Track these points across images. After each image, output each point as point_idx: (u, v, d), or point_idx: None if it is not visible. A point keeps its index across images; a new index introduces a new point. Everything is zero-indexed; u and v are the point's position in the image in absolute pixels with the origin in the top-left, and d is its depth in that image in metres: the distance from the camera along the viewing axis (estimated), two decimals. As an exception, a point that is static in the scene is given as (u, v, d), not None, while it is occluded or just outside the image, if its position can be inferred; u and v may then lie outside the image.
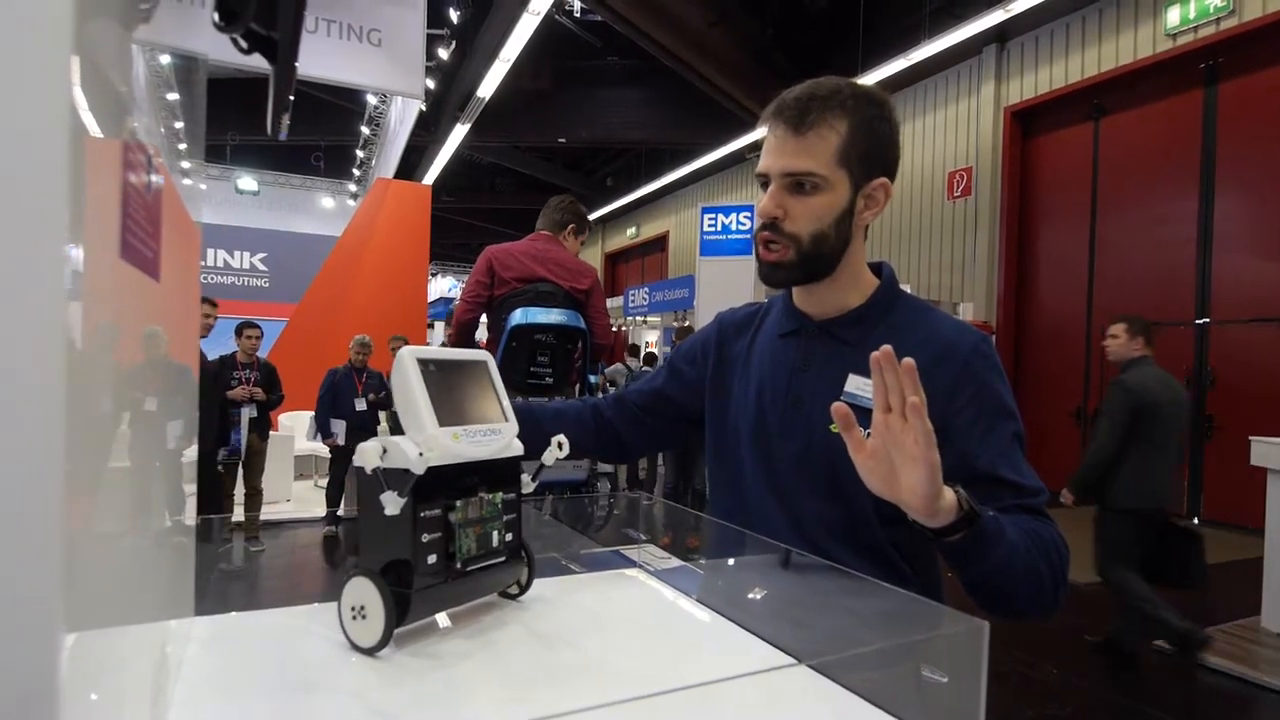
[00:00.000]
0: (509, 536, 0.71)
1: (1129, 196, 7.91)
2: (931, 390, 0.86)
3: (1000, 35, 8.71)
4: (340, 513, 6.47)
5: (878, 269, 1.06)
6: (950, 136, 9.59)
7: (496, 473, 0.70)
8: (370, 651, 0.60)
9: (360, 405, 6.18)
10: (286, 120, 0.62)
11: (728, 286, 8.36)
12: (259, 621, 0.72)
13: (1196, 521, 7.13)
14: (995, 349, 0.97)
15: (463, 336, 2.76)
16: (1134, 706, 3.07)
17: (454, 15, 9.06)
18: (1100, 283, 8.20)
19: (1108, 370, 7.97)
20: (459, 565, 0.64)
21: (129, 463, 0.44)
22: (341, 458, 6.15)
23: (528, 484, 0.75)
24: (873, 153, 0.95)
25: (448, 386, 0.68)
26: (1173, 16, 7.18)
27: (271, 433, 7.10)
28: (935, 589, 0.98)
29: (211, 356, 5.16)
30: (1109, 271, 8.12)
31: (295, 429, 7.30)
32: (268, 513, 6.61)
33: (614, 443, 1.22)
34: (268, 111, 0.61)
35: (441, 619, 0.70)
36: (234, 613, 0.73)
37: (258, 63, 0.64)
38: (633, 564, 1.05)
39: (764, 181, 0.98)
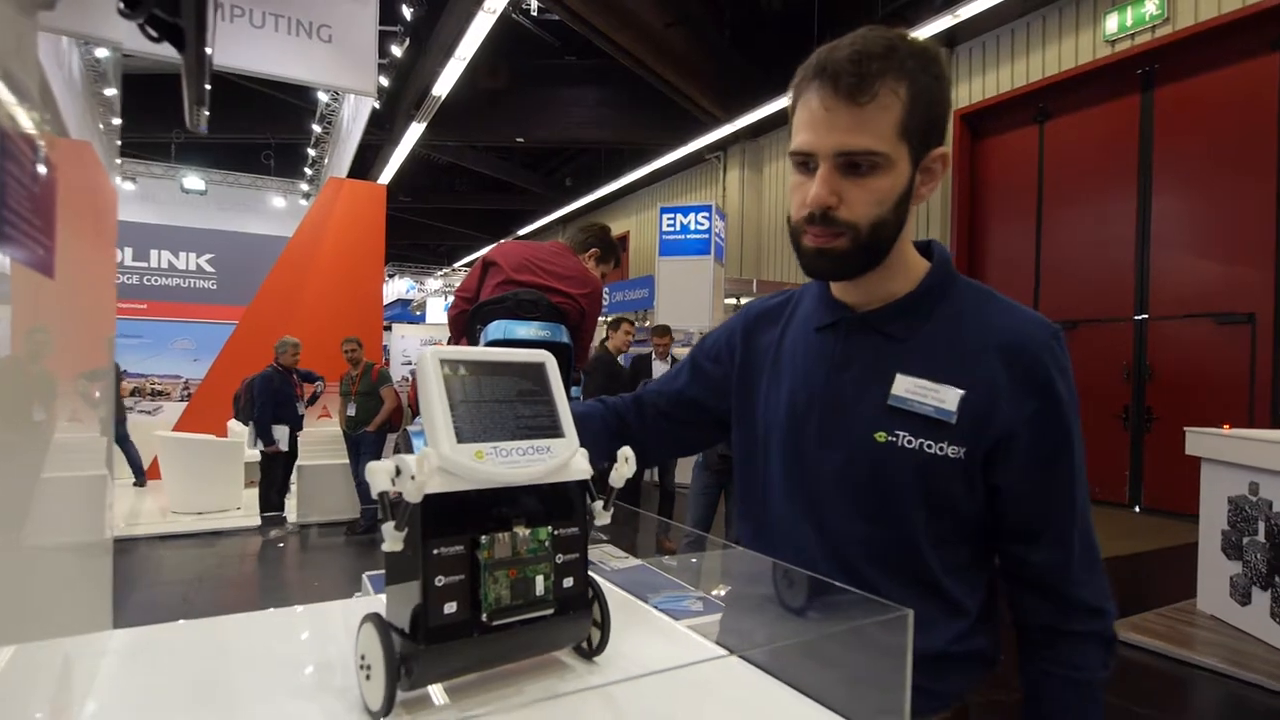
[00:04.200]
0: (568, 582, 0.56)
1: (1072, 197, 8.19)
2: (995, 390, 0.79)
3: (950, 40, 8.93)
4: (289, 517, 6.33)
5: (926, 249, 0.91)
6: (902, 138, 9.79)
7: (547, 501, 0.57)
8: (376, 716, 0.50)
9: (301, 409, 6.07)
10: (205, 114, 0.60)
11: (687, 286, 8.42)
12: (182, 633, 0.69)
13: (1137, 510, 7.41)
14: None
15: (455, 333, 2.60)
16: (1079, 690, 3.17)
17: (407, 12, 8.91)
18: (1046, 280, 8.47)
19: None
20: (484, 617, 0.52)
21: (20, 478, 0.41)
22: (285, 462, 6.03)
23: (601, 514, 0.60)
24: (933, 120, 0.80)
25: (482, 394, 0.56)
26: (1111, 24, 7.45)
27: (221, 440, 6.92)
28: (992, 622, 0.89)
29: (133, 367, 5.04)
30: (1054, 269, 8.39)
31: (244, 435, 7.12)
32: (216, 521, 6.42)
33: (637, 451, 1.12)
34: (184, 103, 0.59)
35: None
36: (157, 624, 0.70)
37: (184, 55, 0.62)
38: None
39: (805, 160, 0.80)
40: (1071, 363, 0.83)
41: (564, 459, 0.57)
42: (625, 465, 0.61)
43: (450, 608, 0.51)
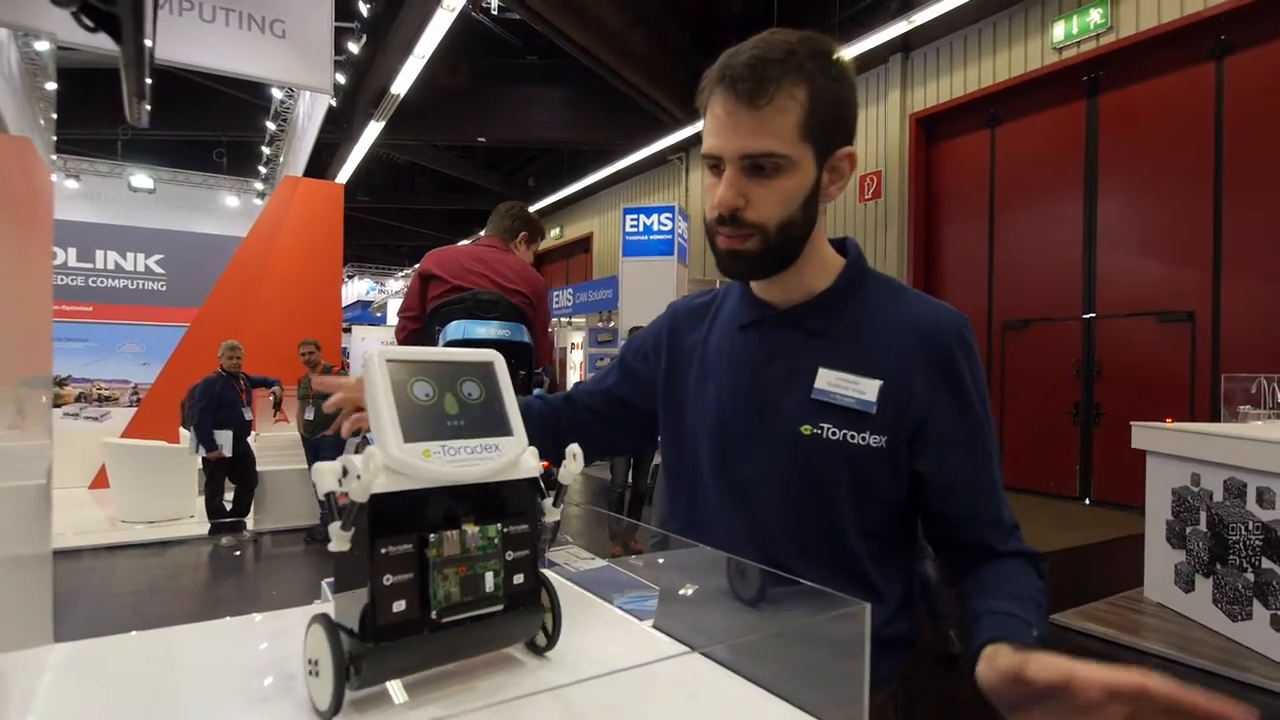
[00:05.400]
0: (518, 579, 0.57)
1: (1022, 199, 8.43)
2: (910, 378, 0.83)
3: (905, 45, 9.12)
4: (248, 523, 6.17)
5: (842, 246, 0.94)
6: (860, 141, 9.96)
7: (496, 499, 0.57)
8: (324, 716, 0.51)
9: (248, 414, 5.92)
10: (147, 108, 0.58)
11: (650, 287, 8.43)
12: (130, 645, 0.66)
13: (1087, 502, 7.66)
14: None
15: None
16: (1033, 678, 3.27)
17: (364, 7, 8.76)
18: (999, 280, 8.70)
19: (1010, 362, 8.48)
20: (434, 615, 0.53)
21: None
22: (230, 467, 5.86)
23: (551, 511, 0.61)
24: (835, 119, 0.82)
25: (431, 393, 0.57)
26: (1058, 31, 7.69)
27: (172, 446, 6.71)
28: (912, 606, 0.91)
29: (78, 372, 4.90)
30: (1006, 270, 8.63)
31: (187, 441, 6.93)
32: (168, 530, 6.22)
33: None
34: (124, 96, 0.57)
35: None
36: (103, 637, 0.67)
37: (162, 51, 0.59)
38: (549, 565, 1.04)
39: (714, 164, 0.83)
40: (979, 351, 0.88)
41: (513, 457, 0.58)
42: (573, 462, 0.62)
43: (399, 606, 0.51)
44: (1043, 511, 7.12)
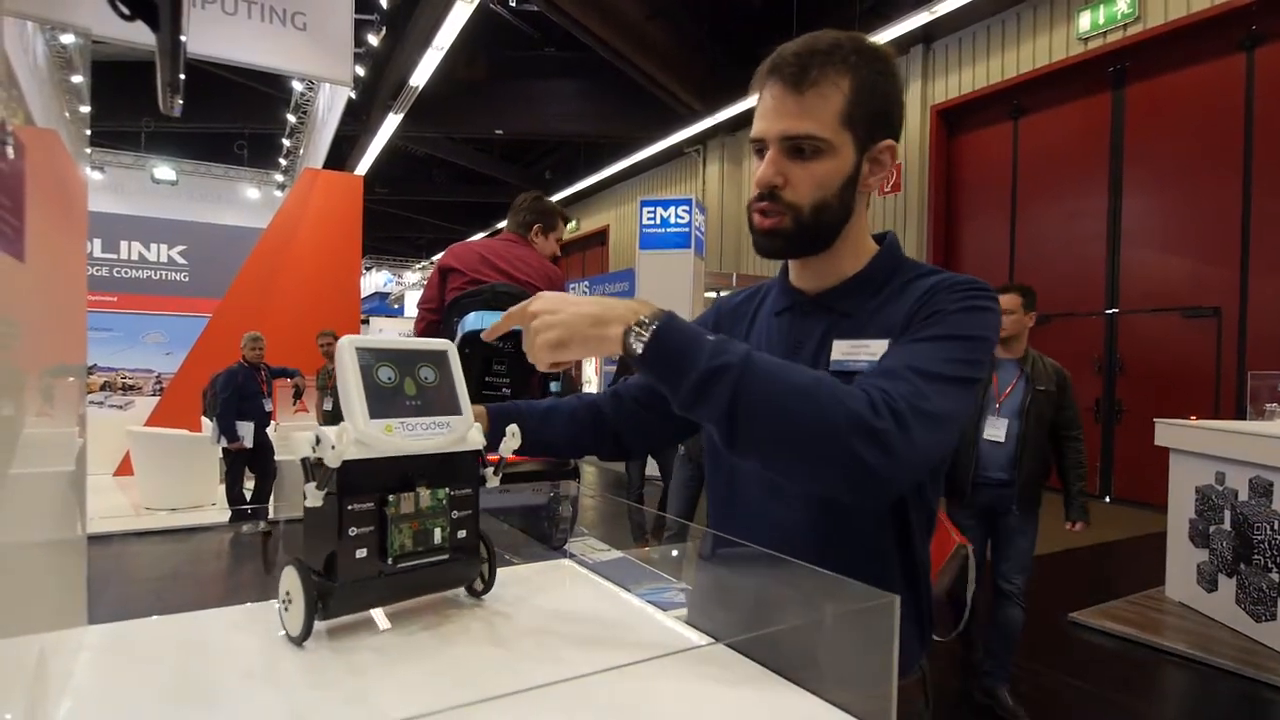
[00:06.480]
0: (461, 534, 0.68)
1: (1045, 193, 8.30)
2: (907, 323, 0.82)
3: (927, 36, 9.00)
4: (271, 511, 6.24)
5: (881, 239, 0.96)
6: (881, 133, 9.88)
7: (445, 467, 0.68)
8: (296, 641, 0.60)
9: (268, 405, 5.95)
10: (179, 100, 0.59)
11: (667, 279, 8.42)
12: (159, 628, 0.68)
13: (1108, 500, 7.57)
14: (989, 298, 0.84)
15: None
16: (1048, 674, 3.25)
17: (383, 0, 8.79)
18: (1020, 275, 8.58)
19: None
20: (390, 561, 0.62)
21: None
22: (250, 458, 5.89)
23: (491, 479, 0.72)
24: (878, 112, 0.85)
25: (393, 377, 0.66)
26: (1084, 22, 7.56)
27: (194, 434, 6.80)
28: (924, 580, 0.90)
29: (103, 361, 4.93)
30: (1028, 264, 8.51)
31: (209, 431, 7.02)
32: (190, 517, 6.32)
33: (612, 441, 1.11)
34: (157, 86, 0.57)
35: (384, 617, 0.68)
36: (132, 620, 0.69)
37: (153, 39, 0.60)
38: (567, 555, 1.05)
39: (759, 147, 0.87)
40: (988, 312, 0.83)
41: (461, 433, 0.68)
42: (511, 439, 0.73)
43: (361, 553, 0.61)
44: (1062, 508, 7.03)
